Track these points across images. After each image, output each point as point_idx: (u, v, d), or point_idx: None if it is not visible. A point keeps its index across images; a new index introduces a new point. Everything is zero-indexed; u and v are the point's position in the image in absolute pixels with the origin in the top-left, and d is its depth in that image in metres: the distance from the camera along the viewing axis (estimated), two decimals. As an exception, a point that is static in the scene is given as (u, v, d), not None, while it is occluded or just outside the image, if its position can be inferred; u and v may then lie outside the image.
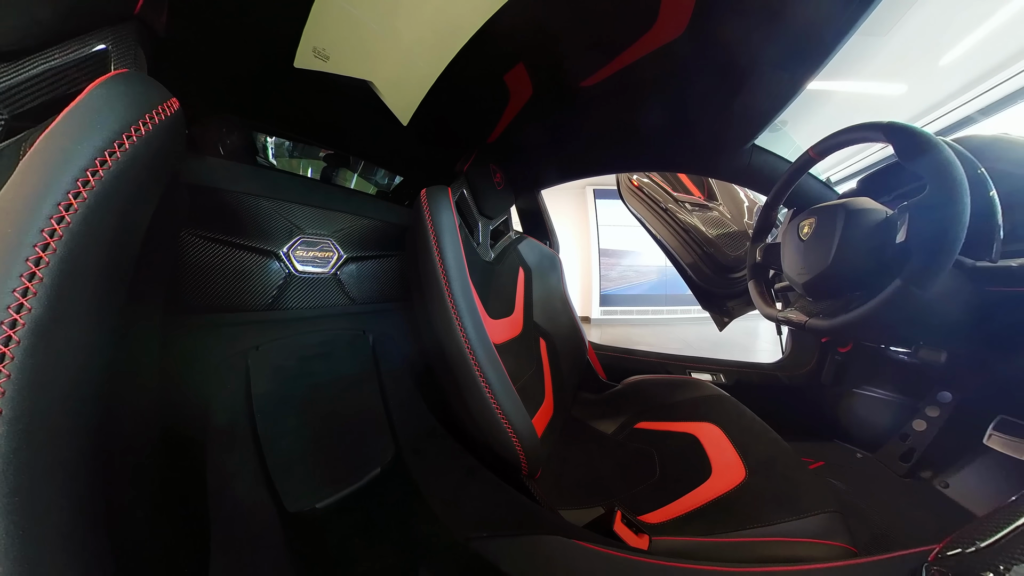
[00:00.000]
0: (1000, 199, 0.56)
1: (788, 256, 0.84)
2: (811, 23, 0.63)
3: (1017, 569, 0.28)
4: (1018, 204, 0.59)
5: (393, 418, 0.88)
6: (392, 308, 1.04)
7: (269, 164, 1.08)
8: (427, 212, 0.76)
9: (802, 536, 0.56)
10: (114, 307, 0.33)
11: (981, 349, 0.76)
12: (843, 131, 0.72)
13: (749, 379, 1.35)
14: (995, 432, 0.80)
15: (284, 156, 1.16)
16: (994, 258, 0.57)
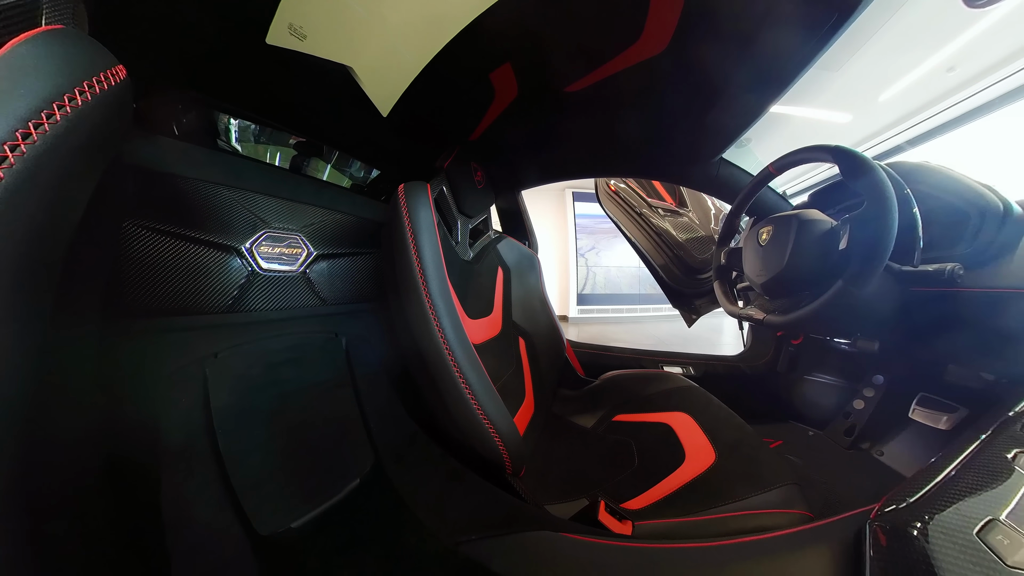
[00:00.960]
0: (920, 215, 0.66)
1: (749, 259, 0.93)
2: (777, 54, 0.70)
3: (938, 518, 0.34)
4: (934, 220, 0.70)
5: (370, 425, 0.83)
6: (366, 309, 0.97)
7: (231, 149, 0.98)
8: (404, 208, 0.72)
9: (766, 507, 0.61)
10: (37, 313, 0.28)
11: (905, 339, 0.89)
12: (798, 151, 0.81)
13: (715, 370, 1.46)
14: (917, 407, 0.95)
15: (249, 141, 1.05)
16: (916, 264, 0.67)
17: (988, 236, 0.66)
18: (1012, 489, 0.34)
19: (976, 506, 0.33)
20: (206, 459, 0.59)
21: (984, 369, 0.80)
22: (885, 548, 0.33)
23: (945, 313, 0.73)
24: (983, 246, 0.67)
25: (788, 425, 1.26)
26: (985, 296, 0.67)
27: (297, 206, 0.79)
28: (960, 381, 0.86)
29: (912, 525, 0.34)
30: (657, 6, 0.61)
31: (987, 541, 0.30)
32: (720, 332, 3.94)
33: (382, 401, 0.90)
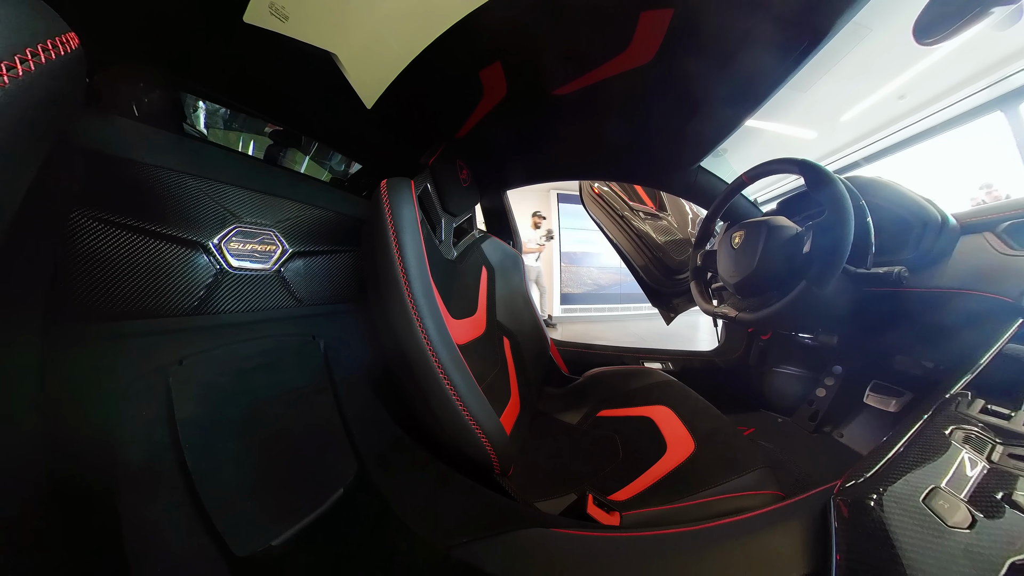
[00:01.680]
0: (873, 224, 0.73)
1: (723, 261, 0.99)
2: (753, 72, 0.75)
3: (890, 489, 0.38)
4: (884, 228, 0.77)
5: (353, 431, 0.78)
6: (345, 310, 0.93)
7: (199, 134, 0.90)
8: (387, 205, 0.68)
9: (743, 490, 0.64)
10: None
11: (860, 333, 0.98)
12: (769, 162, 0.87)
13: (692, 365, 1.53)
14: (871, 393, 1.05)
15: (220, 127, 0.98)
16: (868, 266, 0.74)
17: (928, 243, 0.75)
18: (950, 460, 0.39)
19: (921, 477, 0.38)
20: (172, 478, 0.53)
21: (925, 358, 0.90)
22: (848, 519, 0.37)
23: (893, 310, 0.82)
24: (924, 252, 0.75)
25: (759, 413, 1.35)
26: (926, 295, 0.76)
27: (271, 200, 0.74)
28: (906, 369, 0.97)
29: (869, 497, 0.38)
30: (646, 19, 0.64)
31: (931, 506, 0.34)
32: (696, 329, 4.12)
33: (364, 406, 0.86)
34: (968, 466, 0.37)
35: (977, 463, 0.37)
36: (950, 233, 0.73)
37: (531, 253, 4.79)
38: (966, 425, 0.43)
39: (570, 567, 0.46)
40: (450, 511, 0.62)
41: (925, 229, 0.75)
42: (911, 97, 3.15)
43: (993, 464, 0.37)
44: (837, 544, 0.35)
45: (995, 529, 0.31)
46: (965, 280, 0.69)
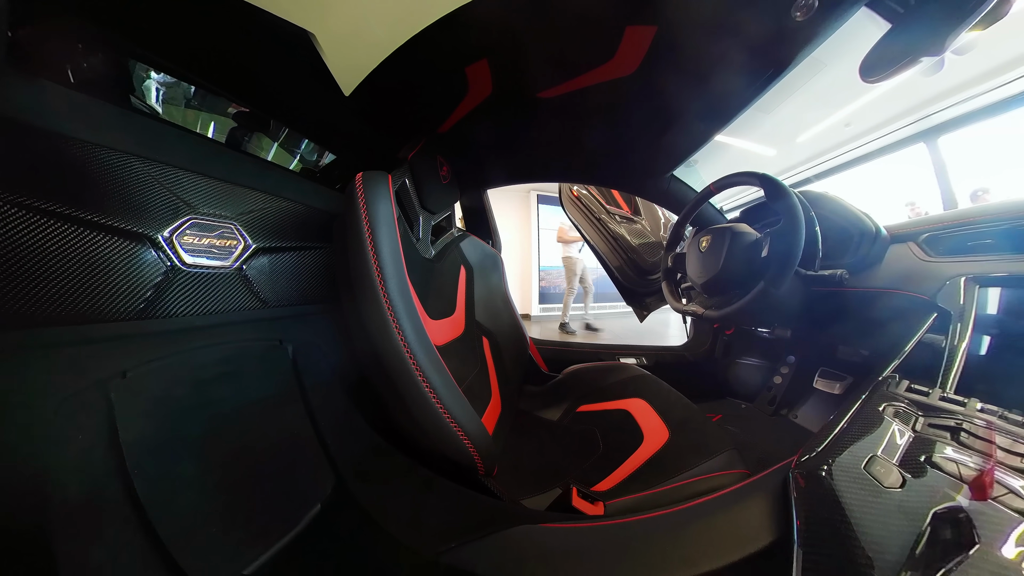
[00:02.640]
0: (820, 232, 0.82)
1: (691, 263, 1.06)
2: (725, 92, 0.82)
3: (838, 460, 0.43)
4: (829, 236, 0.87)
5: (327, 442, 0.73)
6: (315, 311, 0.86)
7: (150, 110, 0.78)
8: (362, 199, 0.64)
9: (714, 471, 0.68)
10: None
11: (809, 326, 1.10)
12: (734, 175, 0.95)
13: (665, 359, 1.61)
14: (819, 378, 1.18)
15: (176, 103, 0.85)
16: (816, 269, 0.83)
17: (864, 250, 0.85)
18: (883, 432, 0.45)
19: (862, 447, 0.43)
20: (120, 510, 0.45)
21: (862, 347, 1.03)
22: (804, 489, 0.41)
23: (836, 307, 0.93)
24: (861, 257, 0.86)
25: (725, 401, 1.47)
26: (862, 294, 0.86)
27: (233, 189, 0.67)
28: (847, 357, 1.11)
29: (821, 468, 0.42)
30: (631, 33, 0.66)
31: (871, 472, 0.39)
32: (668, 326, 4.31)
33: (338, 414, 0.80)
34: (898, 436, 0.44)
35: (904, 433, 0.44)
36: (882, 242, 0.85)
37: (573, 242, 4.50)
38: (895, 402, 0.50)
39: (560, 560, 0.46)
40: (436, 517, 0.60)
41: (862, 238, 0.85)
42: (855, 125, 3.65)
43: (917, 433, 0.44)
44: (797, 511, 0.39)
45: (920, 486, 0.36)
46: (893, 281, 0.80)
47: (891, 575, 0.30)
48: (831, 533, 0.35)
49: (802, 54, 0.65)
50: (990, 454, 0.38)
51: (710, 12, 0.59)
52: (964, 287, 0.65)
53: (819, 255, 0.83)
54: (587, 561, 0.45)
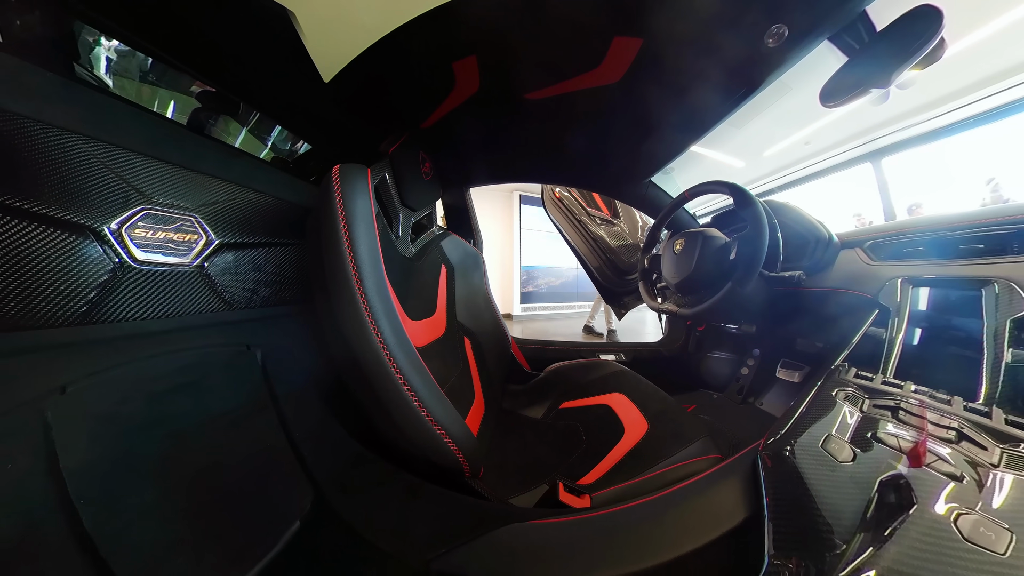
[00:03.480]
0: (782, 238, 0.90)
1: (666, 264, 1.12)
2: (701, 106, 0.87)
3: (799, 440, 0.47)
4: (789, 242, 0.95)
5: (304, 454, 0.67)
6: (287, 313, 0.80)
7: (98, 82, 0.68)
8: (338, 193, 0.60)
9: (690, 458, 0.71)
10: None
11: (772, 322, 1.19)
12: (707, 183, 1.02)
13: (642, 355, 1.67)
14: (781, 368, 1.28)
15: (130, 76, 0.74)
16: (778, 271, 0.91)
17: (819, 255, 0.94)
18: (836, 414, 0.50)
19: (819, 428, 0.48)
20: (64, 547, 0.39)
21: (817, 340, 1.13)
22: (771, 468, 0.46)
23: (795, 304, 1.01)
24: (816, 261, 0.95)
25: (698, 392, 1.56)
26: (817, 293, 0.95)
27: (194, 177, 0.60)
28: (804, 349, 1.21)
29: (785, 449, 0.47)
30: (618, 44, 0.68)
31: (827, 449, 0.44)
32: (644, 323, 4.52)
33: (314, 423, 0.74)
34: (848, 416, 0.49)
35: (854, 414, 0.50)
36: (834, 248, 0.94)
37: None
38: (845, 387, 0.56)
39: (551, 554, 0.47)
40: (423, 524, 0.57)
41: (817, 244, 0.94)
42: (814, 144, 4.14)
43: (864, 413, 0.49)
44: (766, 489, 0.43)
45: (868, 459, 0.42)
46: (843, 282, 0.89)
47: (848, 537, 0.34)
48: (796, 506, 0.39)
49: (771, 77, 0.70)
50: (923, 428, 0.44)
51: (693, 31, 0.63)
52: (900, 287, 0.73)
53: (780, 258, 0.90)
54: (577, 552, 0.45)
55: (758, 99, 0.79)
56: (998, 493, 0.34)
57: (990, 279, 0.62)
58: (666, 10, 0.58)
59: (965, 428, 0.43)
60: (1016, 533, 0.30)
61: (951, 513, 0.33)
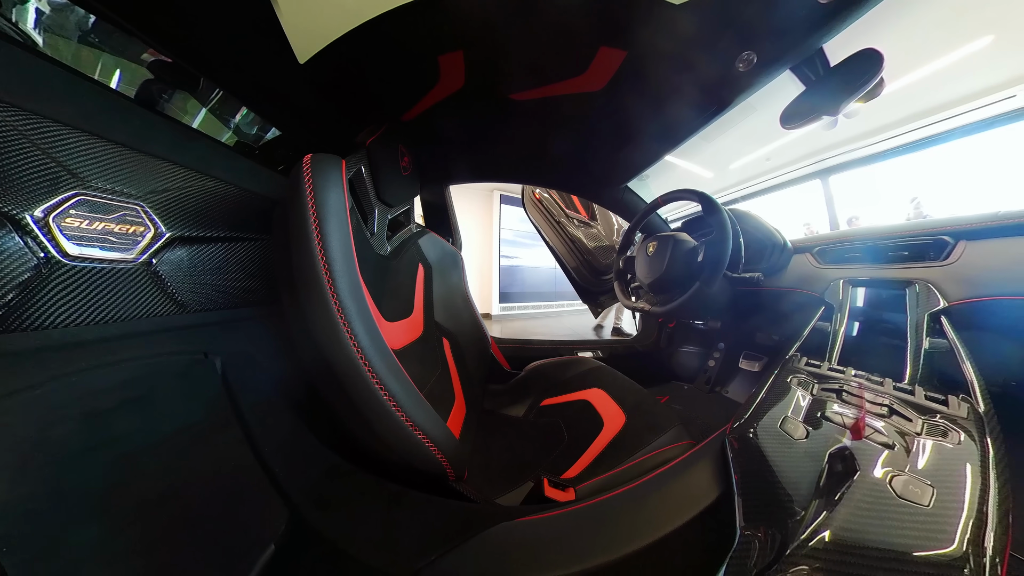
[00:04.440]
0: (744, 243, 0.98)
1: (640, 265, 1.18)
2: (676, 119, 0.93)
3: (760, 423, 0.52)
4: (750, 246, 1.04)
5: (274, 470, 0.61)
6: (250, 316, 0.74)
7: (23, 38, 0.59)
8: (309, 184, 0.55)
9: (665, 445, 0.74)
10: None
11: (734, 318, 1.28)
12: (678, 191, 1.08)
13: (617, 351, 1.73)
14: (743, 359, 1.39)
15: (66, 34, 0.66)
16: (740, 272, 0.99)
17: (775, 259, 1.04)
18: (791, 398, 0.56)
19: (777, 411, 0.54)
20: None
21: (774, 334, 1.24)
22: (738, 449, 0.50)
23: (755, 302, 1.11)
24: (772, 264, 1.05)
25: (670, 384, 1.65)
26: (773, 292, 1.05)
27: (142, 160, 0.53)
28: (763, 341, 1.32)
29: (748, 431, 0.51)
30: (604, 53, 0.70)
31: (784, 429, 0.49)
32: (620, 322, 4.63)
33: (284, 436, 0.68)
34: (801, 399, 0.55)
35: (806, 397, 0.55)
36: (788, 252, 1.04)
37: None
38: (798, 374, 0.62)
39: (540, 548, 0.47)
40: (410, 532, 0.54)
41: (774, 249, 1.04)
42: (773, 160, 4.66)
43: (814, 396, 0.55)
44: (734, 468, 0.46)
45: (819, 435, 0.47)
46: (795, 283, 0.99)
47: (806, 505, 0.38)
48: (761, 481, 0.43)
49: (740, 98, 0.77)
50: (861, 406, 0.50)
51: (674, 49, 0.67)
52: (842, 287, 0.83)
53: (742, 261, 0.98)
54: (566, 544, 0.46)
55: (727, 117, 0.86)
56: (922, 456, 0.40)
57: (912, 280, 0.73)
58: (650, 27, 0.61)
59: (895, 404, 0.50)
60: (937, 488, 0.36)
61: (887, 476, 0.38)
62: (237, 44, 0.65)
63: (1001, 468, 0.39)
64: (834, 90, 0.63)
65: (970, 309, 0.67)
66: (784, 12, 0.55)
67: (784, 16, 0.56)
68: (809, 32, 0.59)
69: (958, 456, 0.40)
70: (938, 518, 0.34)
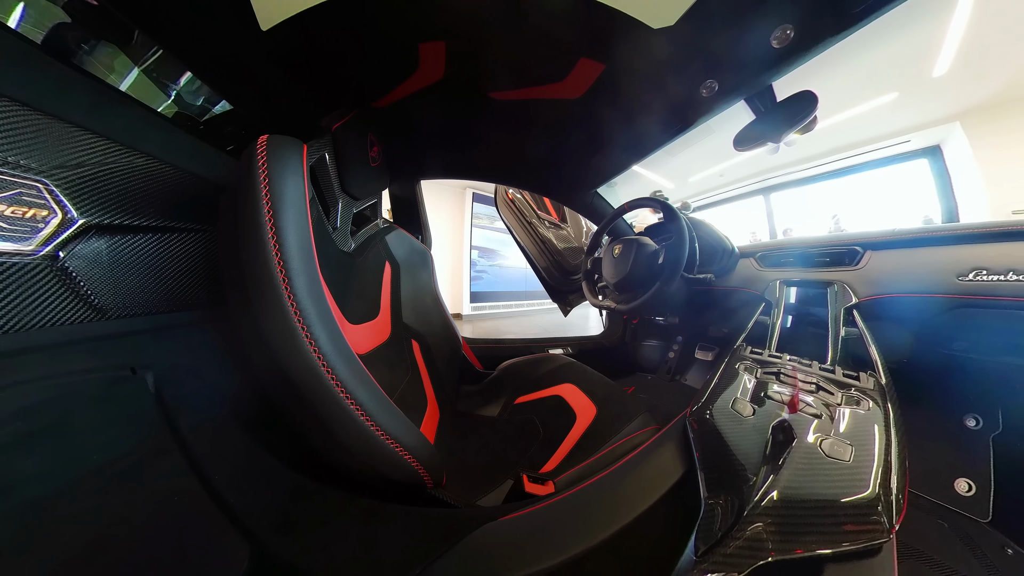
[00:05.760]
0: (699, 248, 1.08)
1: (606, 266, 1.25)
2: (645, 132, 0.99)
3: (714, 405, 0.58)
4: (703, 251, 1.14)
5: (229, 500, 0.52)
6: (189, 321, 0.64)
7: None
8: (264, 169, 0.48)
9: (634, 431, 0.77)
10: None
11: (690, 314, 1.41)
12: (642, 198, 1.17)
13: (586, 347, 1.79)
14: (698, 350, 1.56)
15: None
16: (695, 274, 1.09)
17: (724, 262, 1.17)
18: (739, 382, 0.64)
19: (728, 394, 0.61)
20: None
21: (724, 327, 1.38)
22: (697, 430, 0.54)
23: (708, 300, 1.23)
24: (722, 267, 1.17)
25: (636, 375, 1.77)
26: (723, 291, 1.17)
27: (46, 123, 0.44)
28: (715, 334, 1.47)
29: (705, 412, 0.57)
30: (584, 64, 0.72)
31: (735, 409, 0.56)
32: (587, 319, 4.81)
33: (238, 459, 0.60)
34: (747, 382, 0.63)
35: (751, 380, 0.63)
36: (735, 257, 1.17)
37: None
38: (744, 361, 0.71)
39: (525, 543, 0.47)
40: (391, 548, 0.50)
41: (724, 253, 1.16)
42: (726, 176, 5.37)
43: (758, 379, 0.64)
44: (695, 447, 0.51)
45: (763, 412, 0.54)
46: (741, 283, 1.12)
47: (756, 471, 0.44)
48: (719, 456, 0.49)
49: (701, 119, 0.85)
50: (795, 385, 0.59)
51: (647, 69, 0.73)
52: (778, 287, 0.96)
53: (697, 263, 1.09)
54: (550, 535, 0.46)
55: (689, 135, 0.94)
56: (842, 422, 0.49)
57: (832, 281, 0.87)
58: (629, 46, 0.66)
59: (820, 382, 0.59)
60: (854, 446, 0.44)
61: (817, 440, 0.46)
62: (191, 2, 0.55)
63: (898, 426, 0.48)
64: (778, 121, 0.74)
65: (874, 304, 0.81)
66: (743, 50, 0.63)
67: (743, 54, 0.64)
68: (762, 70, 0.67)
69: (868, 420, 0.49)
70: (857, 470, 0.41)
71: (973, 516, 0.84)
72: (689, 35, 0.61)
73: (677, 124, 0.89)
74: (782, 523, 0.38)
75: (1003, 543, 0.78)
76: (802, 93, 0.71)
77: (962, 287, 0.71)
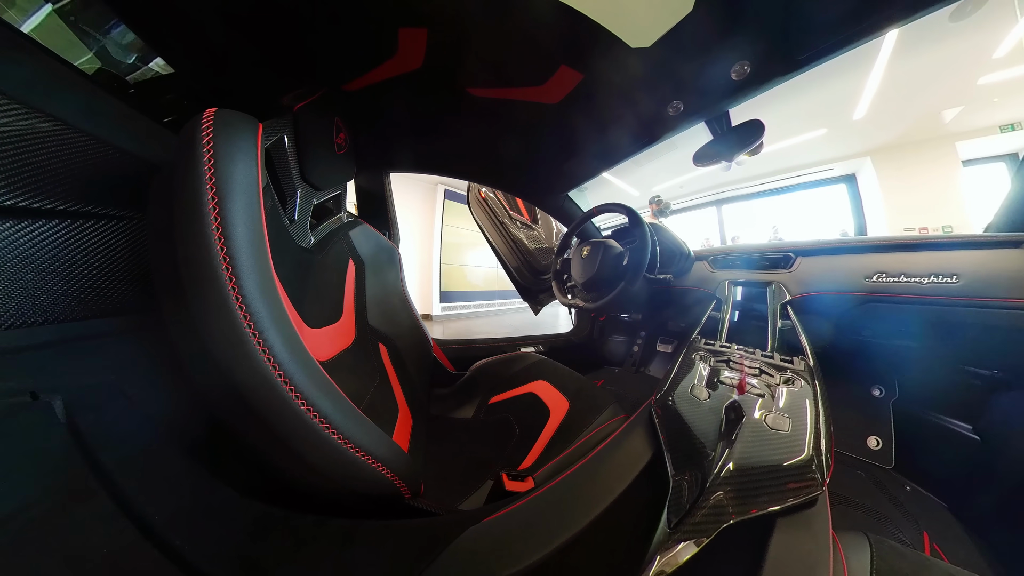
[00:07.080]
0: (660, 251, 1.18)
1: (575, 267, 1.30)
2: (616, 143, 1.05)
3: (675, 392, 0.63)
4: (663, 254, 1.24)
5: (174, 543, 0.42)
6: (109, 331, 0.53)
7: None
8: (209, 148, 0.40)
9: (605, 422, 0.80)
10: None
11: (652, 311, 1.53)
12: (610, 204, 1.24)
13: (557, 344, 1.86)
14: (660, 344, 1.69)
15: None
16: (655, 274, 1.18)
17: (680, 264, 1.28)
18: (696, 370, 0.70)
19: (687, 381, 0.66)
20: None
21: (680, 322, 1.52)
22: (661, 415, 0.58)
23: (667, 298, 1.33)
24: (679, 268, 1.28)
25: (605, 369, 1.86)
26: (681, 290, 1.28)
27: None
28: (674, 328, 1.60)
29: (668, 399, 0.62)
30: (564, 71, 0.74)
31: (693, 394, 0.62)
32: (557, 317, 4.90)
33: (183, 493, 0.49)
34: (703, 370, 0.69)
35: (706, 368, 0.70)
36: (691, 260, 1.29)
37: None
38: (699, 352, 0.78)
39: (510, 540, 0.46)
40: (372, 566, 0.46)
41: (681, 256, 1.28)
42: (686, 188, 6.02)
43: (711, 367, 0.70)
44: (660, 431, 0.55)
45: (717, 395, 0.60)
46: (696, 283, 1.24)
47: (714, 448, 0.49)
48: (682, 437, 0.53)
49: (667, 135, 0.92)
50: (743, 371, 0.67)
51: (622, 85, 0.79)
52: (727, 286, 1.08)
53: (658, 265, 1.17)
54: (534, 530, 0.46)
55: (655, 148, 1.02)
56: (781, 399, 0.57)
57: (771, 281, 1.01)
58: (608, 60, 0.70)
59: (763, 366, 0.67)
60: (792, 418, 0.51)
61: (762, 416, 0.52)
62: None
63: (823, 399, 0.57)
64: (732, 143, 0.84)
65: (804, 300, 0.95)
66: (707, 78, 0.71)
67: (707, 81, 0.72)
68: (721, 97, 0.76)
69: (801, 395, 0.57)
70: (794, 438, 0.48)
71: (881, 464, 1.05)
72: (662, 58, 0.67)
73: (645, 137, 0.96)
74: (739, 489, 0.43)
75: (903, 483, 0.99)
76: (753, 121, 0.81)
77: (868, 287, 0.87)
